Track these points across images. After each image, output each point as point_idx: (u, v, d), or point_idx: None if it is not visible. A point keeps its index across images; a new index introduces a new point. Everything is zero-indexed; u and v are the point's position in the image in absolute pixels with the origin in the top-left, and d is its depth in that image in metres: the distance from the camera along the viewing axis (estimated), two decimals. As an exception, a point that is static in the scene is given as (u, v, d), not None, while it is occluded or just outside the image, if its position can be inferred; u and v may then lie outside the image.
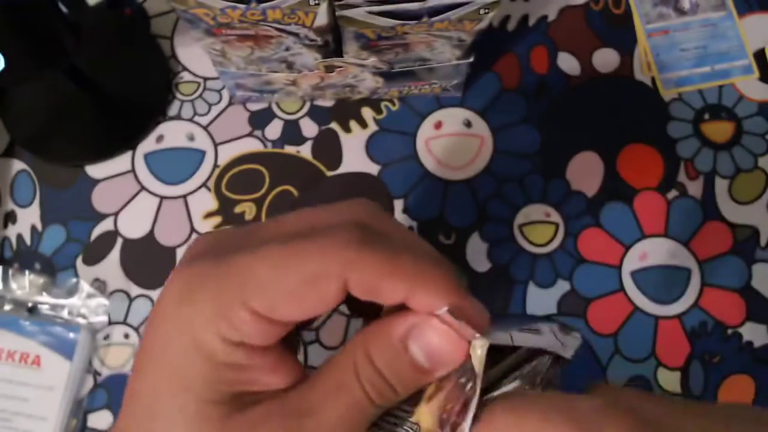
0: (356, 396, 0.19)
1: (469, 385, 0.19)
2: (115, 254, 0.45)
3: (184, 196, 0.46)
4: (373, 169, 0.46)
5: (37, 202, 0.46)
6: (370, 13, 0.33)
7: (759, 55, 0.49)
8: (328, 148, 0.47)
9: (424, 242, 0.21)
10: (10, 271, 0.44)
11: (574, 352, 0.20)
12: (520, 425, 0.18)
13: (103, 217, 0.46)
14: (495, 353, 0.19)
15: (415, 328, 0.20)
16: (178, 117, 0.48)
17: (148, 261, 0.45)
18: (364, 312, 0.23)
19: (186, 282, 0.19)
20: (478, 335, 0.19)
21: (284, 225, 0.21)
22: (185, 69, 0.49)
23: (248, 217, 0.45)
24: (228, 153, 0.47)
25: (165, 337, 0.19)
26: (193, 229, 0.45)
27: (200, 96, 0.48)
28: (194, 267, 0.19)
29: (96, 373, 0.43)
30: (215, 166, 0.47)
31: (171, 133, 0.47)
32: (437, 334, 0.19)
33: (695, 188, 0.47)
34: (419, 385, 0.20)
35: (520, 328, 0.21)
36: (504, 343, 0.20)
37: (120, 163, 0.47)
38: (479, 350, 0.19)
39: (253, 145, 0.47)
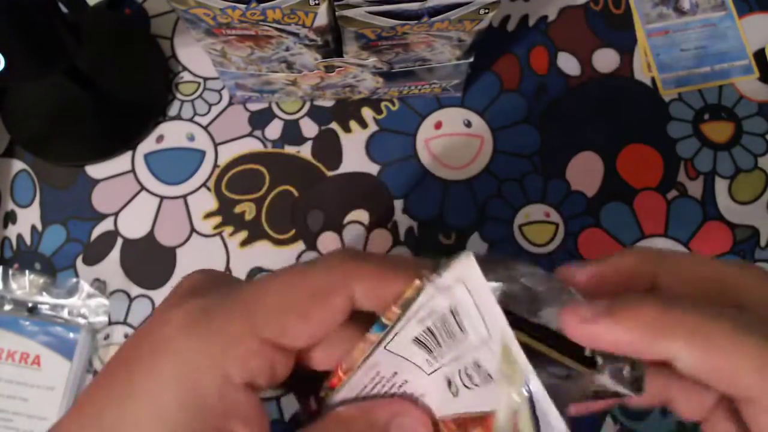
0: None
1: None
2: (115, 254, 0.45)
3: (184, 196, 0.46)
4: (373, 169, 0.46)
5: (37, 202, 0.46)
6: (370, 13, 0.33)
7: (759, 55, 0.49)
8: (328, 148, 0.47)
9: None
10: (10, 271, 0.44)
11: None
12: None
13: (103, 217, 0.46)
14: None
15: (399, 417, 0.20)
16: (178, 117, 0.48)
17: (148, 261, 0.45)
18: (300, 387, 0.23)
19: (189, 315, 0.18)
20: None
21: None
22: (185, 69, 0.49)
23: (248, 217, 0.45)
24: (228, 153, 0.47)
25: (158, 372, 0.18)
26: (193, 229, 0.45)
27: (200, 96, 0.48)
28: (196, 300, 0.19)
29: (96, 373, 0.42)
30: (215, 166, 0.47)
31: (171, 133, 0.47)
32: (417, 420, 0.21)
33: (695, 188, 0.47)
34: None
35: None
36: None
37: (120, 163, 0.47)
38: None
39: (253, 145, 0.47)
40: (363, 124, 0.47)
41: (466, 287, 0.18)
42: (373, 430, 0.20)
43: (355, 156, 0.47)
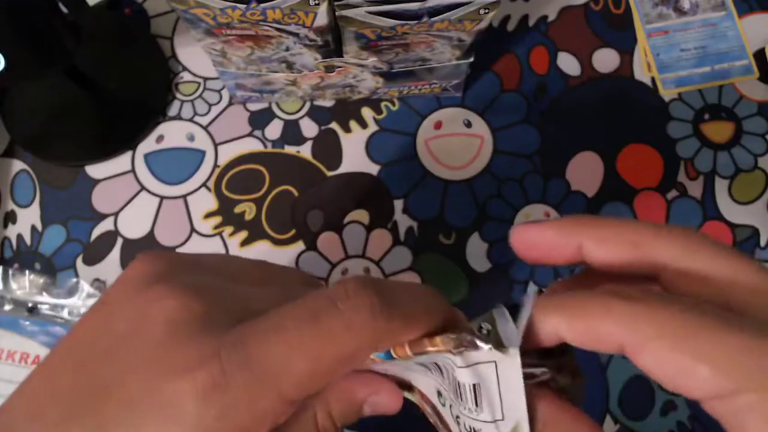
0: None
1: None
2: (115, 254, 0.45)
3: (184, 196, 0.46)
4: (373, 169, 0.46)
5: (37, 202, 0.46)
6: (370, 13, 0.33)
7: (759, 55, 0.49)
8: (328, 148, 0.47)
9: (417, 284, 0.22)
10: (10, 271, 0.44)
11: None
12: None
13: (103, 217, 0.46)
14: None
15: (374, 395, 0.22)
16: (178, 117, 0.48)
17: (148, 261, 0.45)
18: None
19: (204, 383, 0.17)
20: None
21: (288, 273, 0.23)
22: (185, 69, 0.49)
23: (248, 217, 0.45)
24: (228, 153, 0.47)
25: None
26: (193, 229, 0.45)
27: (200, 96, 0.48)
28: (210, 364, 0.17)
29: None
30: (215, 166, 0.47)
31: (171, 133, 0.47)
32: (389, 396, 0.22)
33: (695, 188, 0.47)
34: None
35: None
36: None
37: (120, 163, 0.47)
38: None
39: (253, 145, 0.47)
40: (363, 124, 0.47)
41: (497, 374, 0.18)
42: (351, 409, 0.21)
43: (355, 156, 0.47)
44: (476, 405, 0.18)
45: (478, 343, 0.18)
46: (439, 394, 0.21)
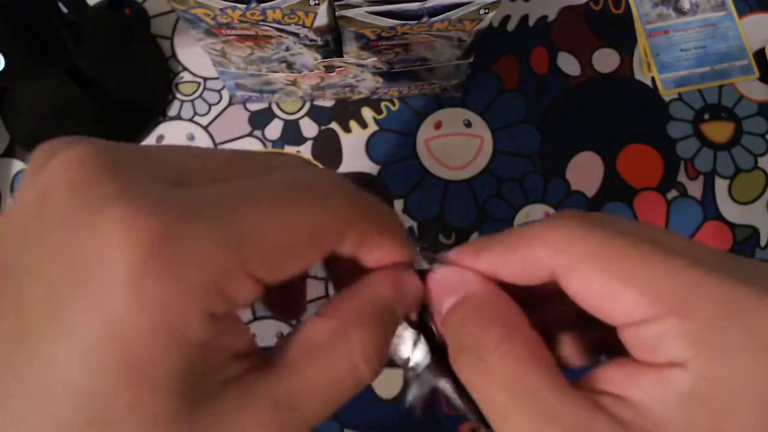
0: (349, 387, 0.17)
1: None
2: (115, 254, 0.45)
3: (184, 196, 0.46)
4: (373, 169, 0.46)
5: (37, 202, 0.46)
6: (370, 13, 0.33)
7: (759, 55, 0.49)
8: (328, 148, 0.47)
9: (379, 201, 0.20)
10: (10, 271, 0.43)
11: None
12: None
13: (103, 217, 0.45)
14: None
15: (398, 282, 0.19)
16: (178, 117, 0.48)
17: (148, 261, 0.45)
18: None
19: (147, 239, 0.13)
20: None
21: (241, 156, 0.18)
22: (185, 69, 0.49)
23: (248, 217, 0.45)
24: (228, 153, 0.47)
25: (113, 318, 0.13)
26: (193, 229, 0.45)
27: (200, 96, 0.48)
28: (158, 216, 0.13)
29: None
30: (215, 166, 0.46)
31: (171, 133, 0.47)
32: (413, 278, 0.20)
33: (695, 188, 0.47)
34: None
35: None
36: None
37: (120, 163, 0.47)
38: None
39: (253, 145, 0.47)
40: (363, 124, 0.47)
41: None
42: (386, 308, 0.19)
43: (355, 156, 0.47)
44: None
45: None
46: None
